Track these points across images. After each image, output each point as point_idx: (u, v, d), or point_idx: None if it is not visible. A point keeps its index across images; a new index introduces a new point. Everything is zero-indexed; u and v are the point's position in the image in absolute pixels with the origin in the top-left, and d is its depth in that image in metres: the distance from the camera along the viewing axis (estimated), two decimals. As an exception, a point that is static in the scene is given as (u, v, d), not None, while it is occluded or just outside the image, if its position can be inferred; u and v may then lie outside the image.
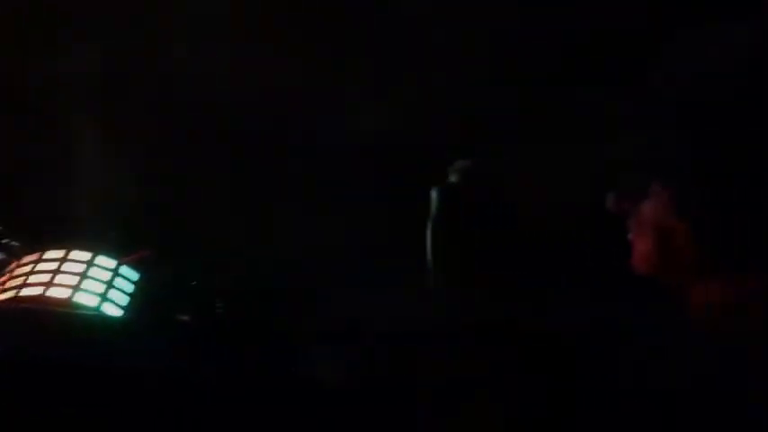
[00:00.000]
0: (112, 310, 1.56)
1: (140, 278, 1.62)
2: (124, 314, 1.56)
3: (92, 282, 1.58)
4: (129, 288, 1.60)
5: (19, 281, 1.60)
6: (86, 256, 1.63)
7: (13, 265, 1.64)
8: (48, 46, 1.86)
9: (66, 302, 1.55)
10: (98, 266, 1.62)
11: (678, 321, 1.05)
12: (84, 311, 1.54)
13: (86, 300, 1.56)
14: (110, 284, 1.59)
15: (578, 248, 1.59)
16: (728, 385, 0.96)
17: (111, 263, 1.62)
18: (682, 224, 1.00)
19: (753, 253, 0.97)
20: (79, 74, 1.82)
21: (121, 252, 1.65)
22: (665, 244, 1.02)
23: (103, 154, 1.86)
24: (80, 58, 1.84)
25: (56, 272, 1.60)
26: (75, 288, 1.56)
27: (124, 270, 1.62)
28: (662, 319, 1.09)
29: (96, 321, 1.55)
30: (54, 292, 1.56)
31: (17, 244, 1.69)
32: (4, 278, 1.62)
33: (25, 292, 1.57)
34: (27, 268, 1.62)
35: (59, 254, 1.63)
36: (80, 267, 1.61)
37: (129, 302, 1.58)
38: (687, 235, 1.00)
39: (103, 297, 1.56)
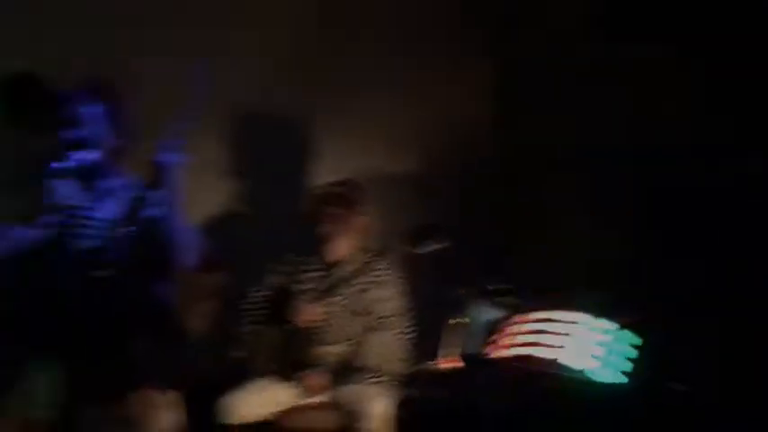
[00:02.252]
0: (608, 374, 1.58)
1: (643, 344, 1.61)
2: (627, 380, 1.57)
3: (584, 343, 1.62)
4: (630, 353, 1.61)
5: (513, 339, 1.67)
6: (578, 316, 1.67)
7: (512, 319, 1.71)
8: None
9: (553, 364, 1.62)
10: (588, 327, 1.65)
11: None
12: (572, 374, 1.59)
13: (574, 361, 1.62)
14: (608, 346, 1.62)
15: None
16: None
17: (608, 325, 1.64)
18: None
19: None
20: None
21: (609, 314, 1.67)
22: None
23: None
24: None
25: (543, 332, 1.66)
26: (563, 349, 1.62)
27: (622, 333, 1.63)
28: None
29: (582, 385, 1.59)
30: (542, 353, 1.64)
31: (518, 301, 1.75)
32: (506, 332, 1.70)
33: (516, 350, 1.65)
34: (522, 327, 1.70)
35: (554, 314, 1.68)
36: (569, 328, 1.65)
37: (632, 368, 1.59)
38: None
39: (602, 360, 1.60)
